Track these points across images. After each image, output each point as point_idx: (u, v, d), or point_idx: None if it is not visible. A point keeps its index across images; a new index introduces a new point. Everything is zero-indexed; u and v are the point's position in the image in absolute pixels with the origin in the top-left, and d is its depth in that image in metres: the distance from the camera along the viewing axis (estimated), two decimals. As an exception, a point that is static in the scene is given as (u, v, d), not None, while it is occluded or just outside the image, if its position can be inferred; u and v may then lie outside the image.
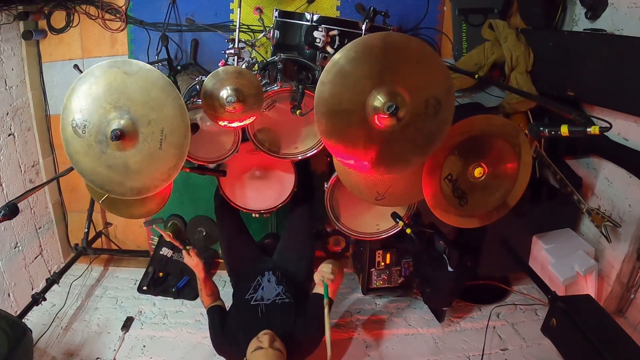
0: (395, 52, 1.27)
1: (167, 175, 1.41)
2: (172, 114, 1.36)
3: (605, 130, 1.21)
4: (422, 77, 1.30)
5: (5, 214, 1.47)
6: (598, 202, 2.20)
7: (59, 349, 2.11)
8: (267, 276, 1.89)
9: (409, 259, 2.29)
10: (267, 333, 1.56)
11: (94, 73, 1.31)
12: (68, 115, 1.33)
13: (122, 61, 1.33)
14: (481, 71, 2.32)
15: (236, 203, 2.02)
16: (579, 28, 2.25)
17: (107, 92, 1.32)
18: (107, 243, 2.91)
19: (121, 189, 1.41)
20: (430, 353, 2.08)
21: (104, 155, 1.36)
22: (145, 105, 1.34)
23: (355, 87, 1.28)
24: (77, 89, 1.32)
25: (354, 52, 1.25)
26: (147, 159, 1.38)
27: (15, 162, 2.46)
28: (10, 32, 2.40)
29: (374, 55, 1.26)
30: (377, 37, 1.26)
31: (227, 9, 2.48)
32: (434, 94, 1.31)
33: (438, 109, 1.32)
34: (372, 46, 1.25)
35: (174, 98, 1.35)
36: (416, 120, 1.33)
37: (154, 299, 2.47)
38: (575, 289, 2.13)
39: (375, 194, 1.72)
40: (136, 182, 1.41)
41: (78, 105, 1.32)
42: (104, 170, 1.38)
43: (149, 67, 1.34)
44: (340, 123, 1.31)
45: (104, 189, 1.41)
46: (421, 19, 2.47)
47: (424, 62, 1.30)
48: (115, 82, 1.32)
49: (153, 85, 1.34)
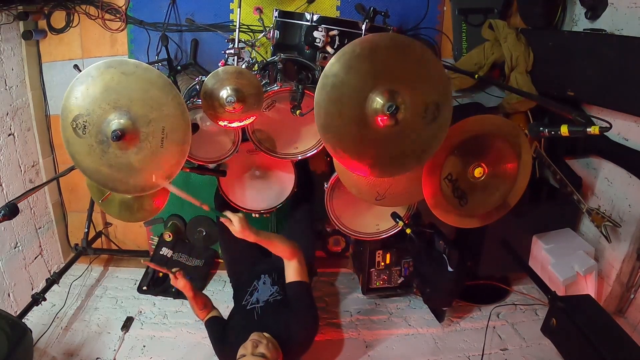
0: (396, 54, 1.27)
1: (169, 172, 1.43)
2: (172, 112, 1.37)
3: (605, 130, 1.21)
4: (422, 81, 1.31)
5: (5, 214, 1.47)
6: (598, 202, 2.20)
7: (59, 349, 2.11)
8: (262, 279, 1.88)
9: (409, 259, 2.29)
10: (251, 339, 1.51)
11: (91, 74, 1.31)
12: (67, 116, 1.33)
13: (119, 61, 1.33)
14: (481, 71, 2.32)
15: (236, 203, 2.02)
16: (579, 28, 2.25)
17: (105, 92, 1.32)
18: (107, 243, 2.90)
19: (125, 186, 1.43)
20: (430, 353, 2.08)
21: (105, 155, 1.37)
22: (144, 105, 1.34)
23: (356, 87, 1.28)
24: (74, 90, 1.32)
25: (355, 51, 1.25)
26: (150, 157, 1.39)
27: (15, 162, 2.46)
28: (10, 32, 2.40)
29: (375, 56, 1.26)
30: (379, 38, 1.27)
31: (227, 9, 2.48)
32: (433, 98, 1.32)
33: (437, 115, 1.33)
34: (375, 47, 1.26)
35: (173, 97, 1.36)
36: (415, 124, 1.33)
37: (154, 299, 2.47)
38: (575, 289, 2.13)
39: (375, 194, 1.72)
40: (139, 179, 1.42)
41: (76, 106, 1.32)
42: (106, 169, 1.39)
43: (146, 67, 1.34)
44: (340, 123, 1.32)
45: (107, 187, 1.42)
46: (421, 19, 2.47)
47: (424, 65, 1.30)
48: (112, 82, 1.32)
49: (152, 85, 1.34)
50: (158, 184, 1.42)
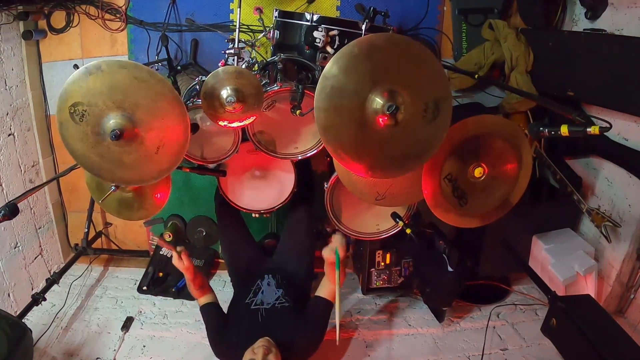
0: (395, 54, 1.27)
1: (157, 174, 1.45)
2: (174, 127, 1.38)
3: (605, 130, 1.21)
4: (421, 80, 1.30)
5: (5, 214, 1.47)
6: (598, 202, 2.20)
7: (59, 349, 2.11)
8: (266, 279, 1.89)
9: (409, 259, 2.29)
10: (262, 345, 1.53)
11: (101, 67, 1.30)
12: (67, 99, 1.31)
13: (133, 65, 1.32)
14: (481, 71, 2.32)
15: (236, 203, 2.02)
16: (578, 28, 2.25)
17: (112, 90, 1.31)
18: (107, 243, 2.91)
19: (110, 176, 1.43)
20: (430, 353, 2.08)
21: (98, 145, 1.36)
22: (149, 113, 1.35)
23: (355, 88, 1.28)
24: (81, 77, 1.30)
25: (353, 52, 1.25)
26: (142, 159, 1.40)
27: (15, 162, 2.46)
28: (10, 32, 2.40)
29: (375, 56, 1.26)
30: (376, 38, 1.26)
31: (227, 9, 2.48)
32: (433, 98, 1.31)
33: (437, 114, 1.33)
34: (375, 47, 1.25)
35: (180, 113, 1.37)
36: (415, 124, 1.33)
37: (154, 299, 2.47)
38: (575, 289, 2.13)
39: (375, 194, 1.72)
40: (127, 174, 1.42)
41: (79, 93, 1.31)
42: (96, 157, 1.38)
43: (160, 78, 1.34)
44: (340, 123, 1.32)
45: (92, 172, 1.42)
46: (421, 19, 2.47)
47: (425, 65, 1.30)
48: (122, 82, 1.31)
49: (162, 97, 1.34)
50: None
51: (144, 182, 1.54)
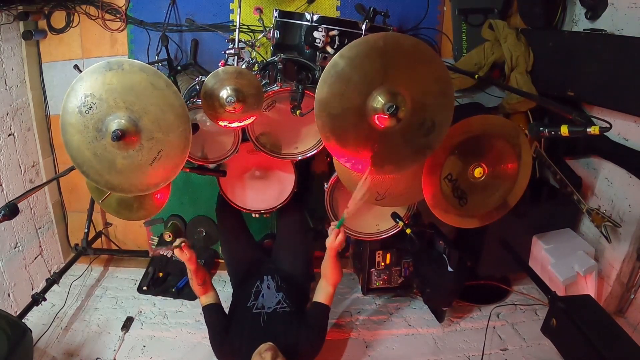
0: (397, 54, 1.28)
1: (145, 187, 1.44)
2: (176, 142, 1.38)
3: (605, 130, 1.21)
4: (430, 97, 1.31)
5: (5, 214, 1.47)
6: (598, 202, 2.20)
7: (59, 349, 2.10)
8: (266, 281, 1.89)
9: (409, 259, 2.29)
10: (269, 350, 1.54)
11: (123, 65, 1.31)
12: (80, 89, 1.30)
13: (153, 71, 1.33)
14: (481, 71, 2.32)
15: (236, 203, 2.02)
16: (579, 28, 2.25)
17: (126, 90, 1.31)
18: (107, 243, 2.90)
19: (96, 177, 1.40)
20: (430, 353, 2.08)
21: (95, 142, 1.35)
22: (155, 123, 1.35)
23: (356, 87, 1.28)
24: (102, 72, 1.30)
25: (355, 52, 1.25)
26: (134, 167, 1.39)
27: (15, 162, 2.46)
28: (10, 32, 2.40)
29: (376, 56, 1.26)
30: (407, 41, 1.27)
31: (227, 9, 2.48)
32: (433, 117, 1.32)
33: (430, 132, 1.34)
34: (375, 47, 1.26)
35: (184, 129, 1.37)
36: (406, 132, 1.34)
37: (154, 299, 2.47)
38: (575, 289, 2.13)
39: (375, 194, 1.72)
40: (114, 179, 1.41)
41: (95, 86, 1.30)
42: (88, 154, 1.37)
43: (175, 91, 1.35)
44: (340, 122, 1.32)
45: (80, 168, 1.40)
46: (421, 19, 2.47)
47: (439, 85, 1.31)
48: (138, 86, 1.32)
49: (171, 109, 1.35)
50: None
51: (127, 192, 1.47)
